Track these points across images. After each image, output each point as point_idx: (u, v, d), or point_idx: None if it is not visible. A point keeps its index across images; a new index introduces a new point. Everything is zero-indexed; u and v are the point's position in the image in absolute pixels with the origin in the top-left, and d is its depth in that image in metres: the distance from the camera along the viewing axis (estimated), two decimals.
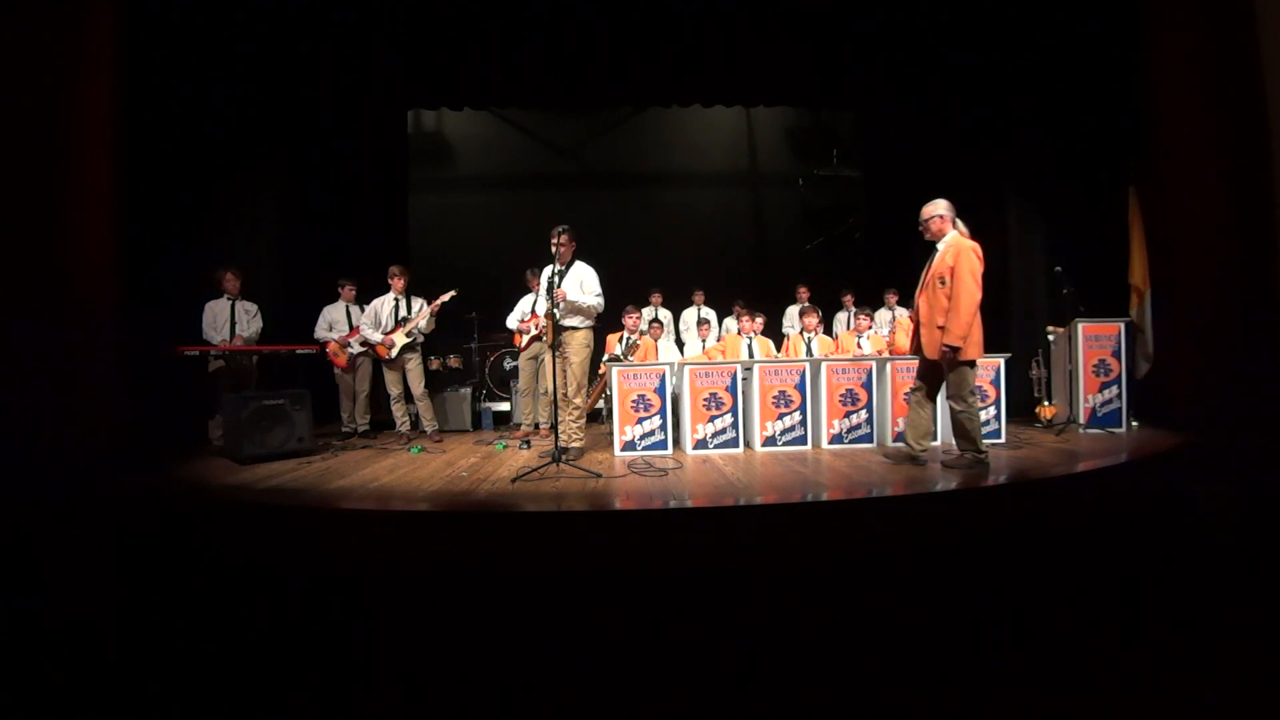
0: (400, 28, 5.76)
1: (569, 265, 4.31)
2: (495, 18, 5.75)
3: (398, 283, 5.16)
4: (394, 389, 5.16)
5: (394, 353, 5.04)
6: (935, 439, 3.74)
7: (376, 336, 5.08)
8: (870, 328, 5.56)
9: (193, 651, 2.21)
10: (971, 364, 3.46)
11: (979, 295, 3.40)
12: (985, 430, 4.50)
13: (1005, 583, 2.68)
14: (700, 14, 5.78)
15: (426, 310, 5.12)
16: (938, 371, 3.61)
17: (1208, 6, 4.47)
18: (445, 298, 5.18)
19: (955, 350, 3.39)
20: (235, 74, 5.51)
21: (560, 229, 4.15)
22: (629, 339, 5.70)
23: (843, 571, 2.70)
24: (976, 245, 3.46)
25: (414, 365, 5.15)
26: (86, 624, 2.37)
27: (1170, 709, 1.78)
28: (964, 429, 3.51)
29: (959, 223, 3.58)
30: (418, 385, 5.17)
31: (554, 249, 4.16)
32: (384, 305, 5.16)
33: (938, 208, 3.60)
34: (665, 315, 6.89)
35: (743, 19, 5.82)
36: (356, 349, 5.30)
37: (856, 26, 5.92)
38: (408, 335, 5.08)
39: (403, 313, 5.15)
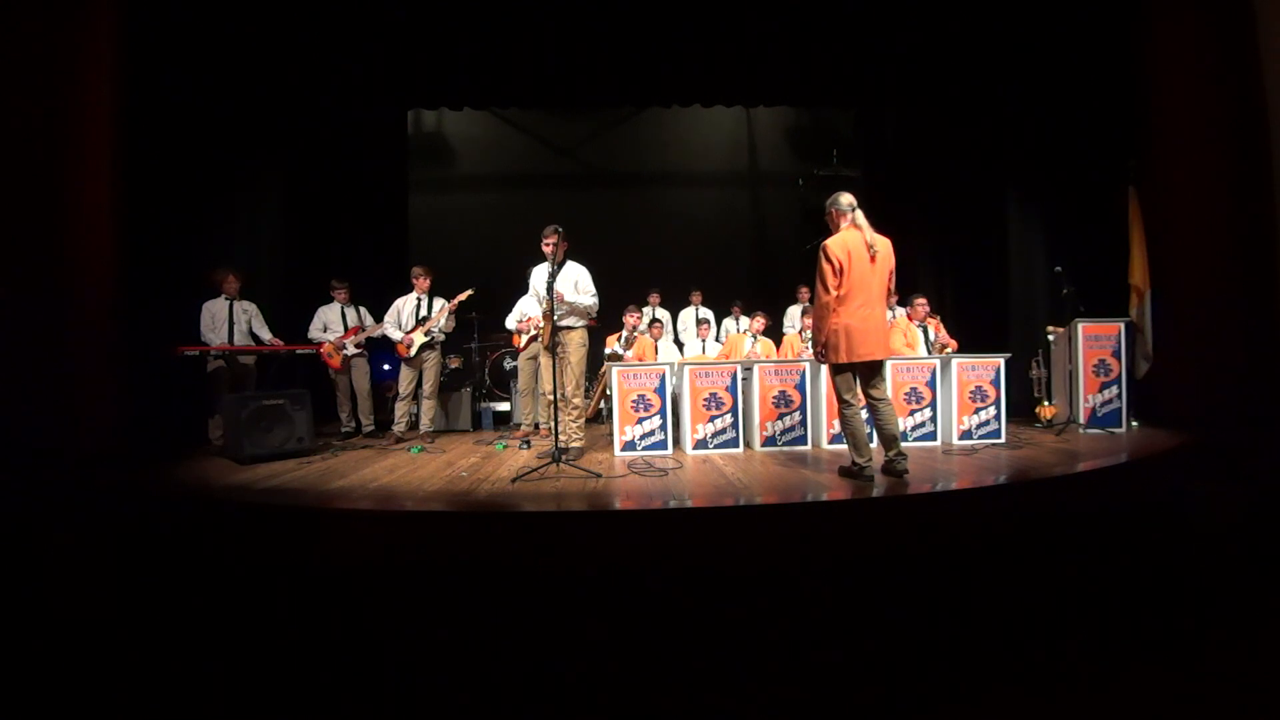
0: (400, 28, 5.76)
1: (561, 265, 4.30)
2: (495, 18, 5.75)
3: (421, 283, 5.23)
4: (403, 388, 5.18)
5: (413, 351, 5.11)
6: (872, 441, 3.53)
7: (397, 335, 5.17)
8: None
9: (192, 652, 2.21)
10: (844, 367, 3.31)
11: (826, 296, 3.23)
12: (985, 430, 4.52)
13: (1005, 583, 2.68)
14: (700, 14, 5.78)
15: (445, 309, 5.18)
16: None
17: (1207, 6, 4.48)
18: (463, 296, 5.23)
19: (817, 356, 3.37)
20: (235, 73, 5.51)
21: (552, 229, 4.13)
22: (627, 336, 5.71)
23: (843, 572, 2.70)
24: (831, 240, 3.26)
25: (431, 364, 5.22)
26: (86, 624, 2.37)
27: (1170, 709, 1.78)
28: (845, 434, 3.41)
29: (848, 216, 3.31)
30: (429, 384, 5.23)
31: (547, 249, 4.15)
32: (406, 304, 5.24)
33: (832, 202, 3.39)
34: (664, 315, 6.90)
35: (743, 19, 5.82)
36: (351, 350, 5.31)
37: (856, 26, 5.92)
38: (426, 335, 5.13)
39: (423, 312, 5.21)
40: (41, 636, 2.29)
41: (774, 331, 6.21)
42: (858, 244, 3.24)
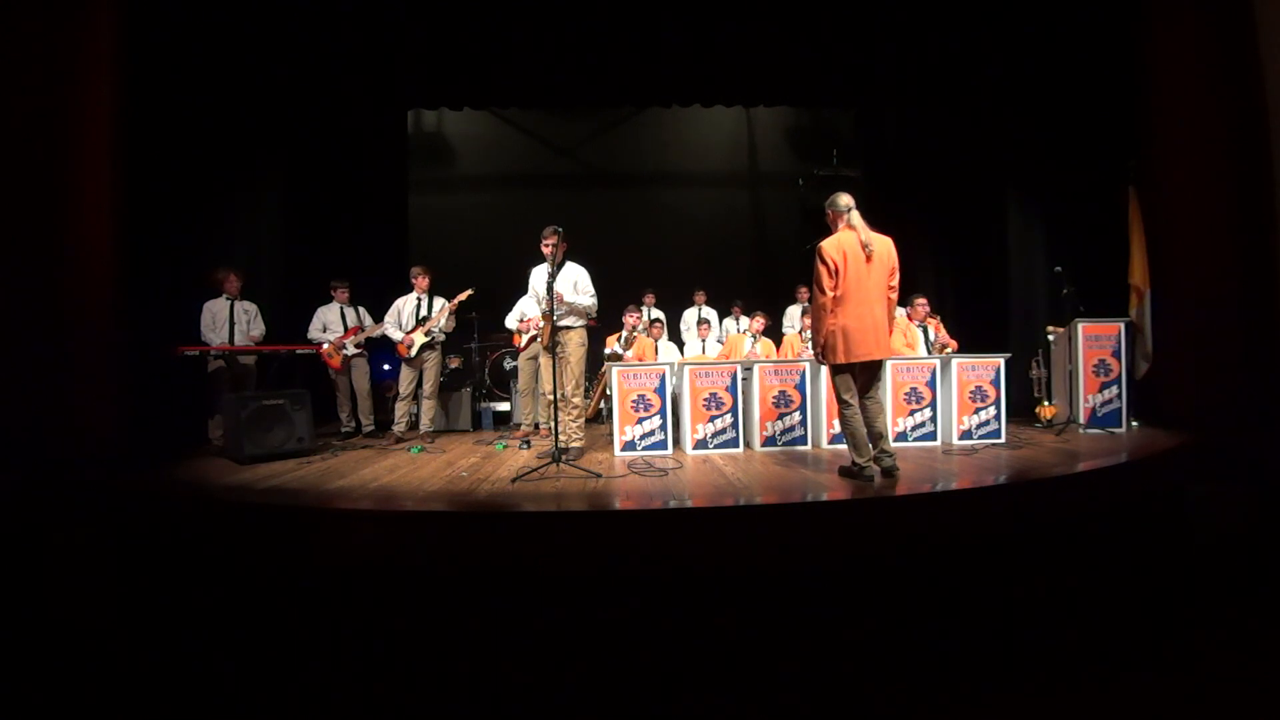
0: (400, 27, 5.76)
1: (561, 266, 4.29)
2: (495, 17, 5.75)
3: (420, 282, 5.24)
4: (403, 388, 5.18)
5: (413, 351, 5.11)
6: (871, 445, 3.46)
7: (397, 335, 5.18)
8: None
9: (193, 652, 2.21)
10: (843, 368, 3.31)
11: (822, 297, 3.26)
12: (985, 430, 4.52)
13: (1006, 583, 2.68)
14: (700, 14, 5.78)
15: (445, 309, 5.19)
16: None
17: (1207, 7, 4.47)
18: (463, 296, 5.23)
19: (816, 357, 3.42)
20: (235, 73, 5.50)
21: (551, 229, 4.13)
22: (627, 336, 5.71)
23: (843, 572, 2.70)
24: (826, 242, 3.28)
25: (431, 364, 5.22)
26: (86, 624, 2.37)
27: (1171, 709, 1.77)
28: (845, 434, 3.41)
29: (845, 217, 3.31)
30: (429, 384, 5.24)
31: (546, 249, 4.14)
32: (406, 304, 5.24)
33: (829, 203, 3.40)
34: (659, 315, 6.88)
35: (743, 19, 5.82)
36: (351, 350, 5.32)
37: (856, 26, 5.92)
38: (426, 335, 5.14)
39: (423, 312, 5.21)
40: (42, 637, 2.28)
41: (774, 331, 6.21)
42: (853, 245, 3.25)
